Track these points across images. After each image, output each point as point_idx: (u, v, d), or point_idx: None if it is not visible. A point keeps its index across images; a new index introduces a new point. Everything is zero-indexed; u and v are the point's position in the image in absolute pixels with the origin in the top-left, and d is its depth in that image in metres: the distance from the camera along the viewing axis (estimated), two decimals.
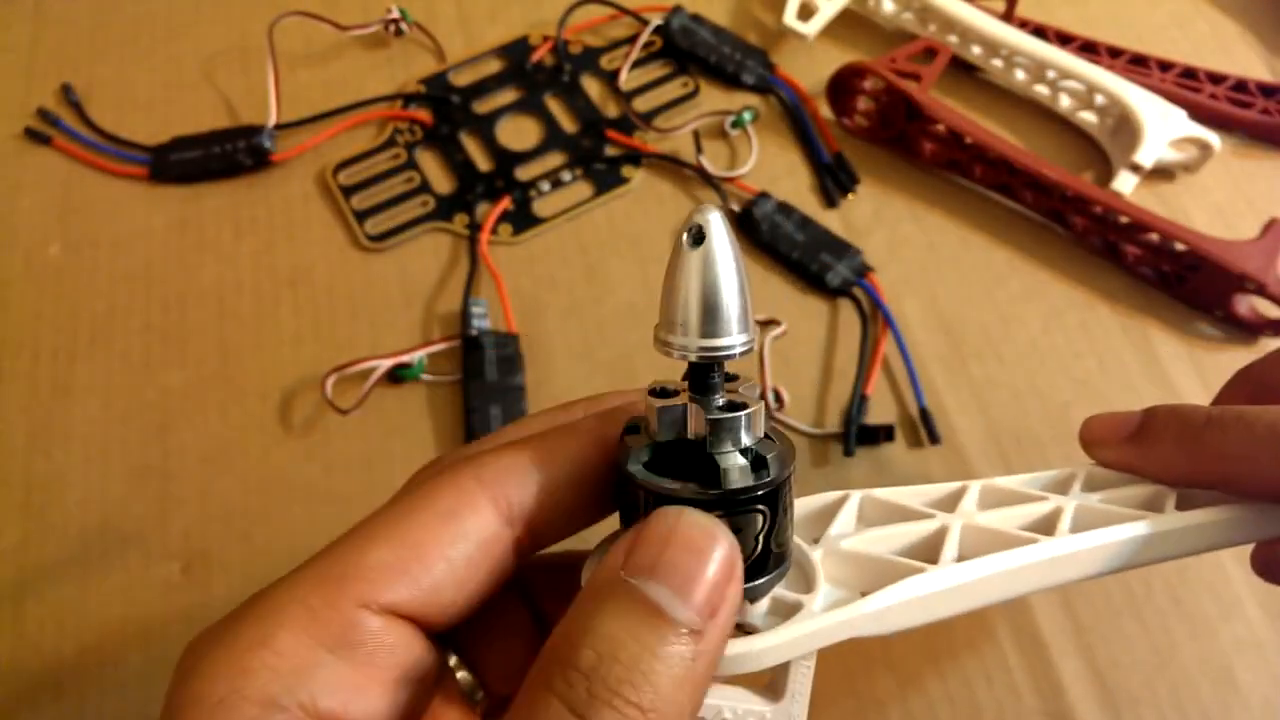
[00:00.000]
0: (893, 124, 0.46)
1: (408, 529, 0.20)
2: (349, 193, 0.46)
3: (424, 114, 0.48)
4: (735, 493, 0.19)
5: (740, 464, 0.19)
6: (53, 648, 0.37)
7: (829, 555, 0.22)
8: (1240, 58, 0.50)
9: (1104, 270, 0.44)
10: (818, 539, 0.23)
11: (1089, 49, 0.48)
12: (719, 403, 0.20)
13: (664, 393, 0.20)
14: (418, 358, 0.41)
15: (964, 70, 0.49)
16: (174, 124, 0.48)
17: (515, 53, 0.50)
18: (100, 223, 0.46)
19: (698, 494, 0.19)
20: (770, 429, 0.21)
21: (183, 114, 0.49)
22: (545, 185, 0.46)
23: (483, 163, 0.47)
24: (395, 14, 0.49)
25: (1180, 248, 0.41)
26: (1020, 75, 0.48)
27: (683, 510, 0.19)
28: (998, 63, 0.48)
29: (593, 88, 0.49)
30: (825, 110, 0.48)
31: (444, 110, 0.48)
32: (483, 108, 0.49)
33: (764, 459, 0.19)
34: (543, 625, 0.25)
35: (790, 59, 0.50)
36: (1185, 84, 0.48)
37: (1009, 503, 0.25)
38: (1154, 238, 0.42)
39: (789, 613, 0.20)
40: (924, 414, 0.40)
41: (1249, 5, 0.51)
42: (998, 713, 0.35)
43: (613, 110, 0.48)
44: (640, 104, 0.49)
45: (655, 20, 0.50)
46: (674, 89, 0.49)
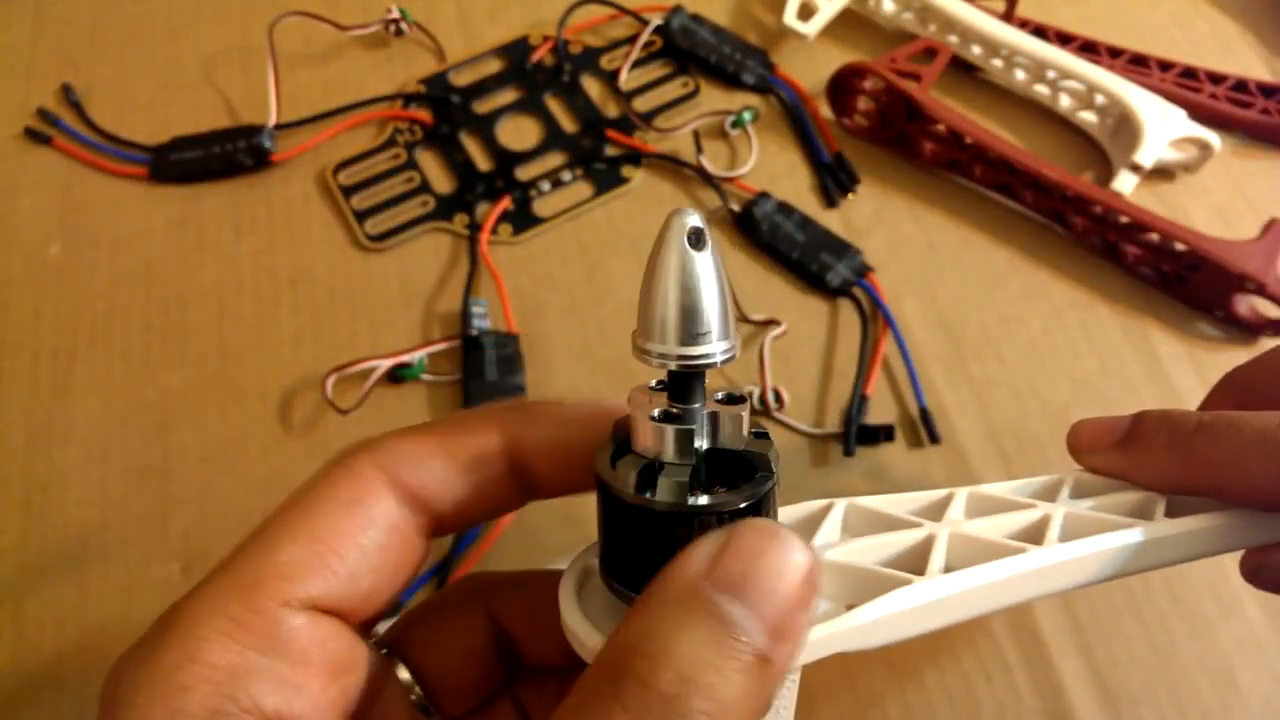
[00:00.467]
0: (893, 124, 0.46)
1: (315, 522, 0.19)
2: (349, 193, 0.46)
3: (424, 114, 0.48)
4: (705, 507, 0.18)
5: (680, 482, 0.18)
6: (53, 647, 0.37)
7: None
8: (1240, 58, 0.50)
9: (1104, 270, 0.44)
10: None
11: (1089, 49, 0.48)
12: (696, 413, 0.19)
13: (646, 396, 0.20)
14: (418, 358, 0.41)
15: (964, 70, 0.49)
16: (174, 124, 0.48)
17: (515, 53, 0.50)
18: (100, 223, 0.46)
19: (667, 506, 0.18)
20: (756, 441, 0.20)
21: (183, 114, 0.49)
22: (545, 185, 0.46)
23: (483, 163, 0.47)
24: (395, 14, 0.49)
25: (1180, 248, 0.41)
26: (1020, 75, 0.48)
27: (775, 529, 0.18)
28: (998, 63, 0.48)
29: (593, 88, 0.49)
30: (825, 110, 0.48)
31: (444, 110, 0.48)
32: (483, 108, 0.49)
33: (737, 473, 0.19)
34: (503, 642, 0.24)
35: (790, 59, 0.50)
36: (1185, 84, 0.48)
37: (996, 510, 0.24)
38: (1154, 238, 0.42)
39: None
40: (924, 414, 0.40)
41: (1249, 5, 0.51)
42: (998, 712, 0.35)
43: (613, 110, 0.48)
44: (640, 104, 0.49)
45: (655, 20, 0.50)
46: (674, 89, 0.49)
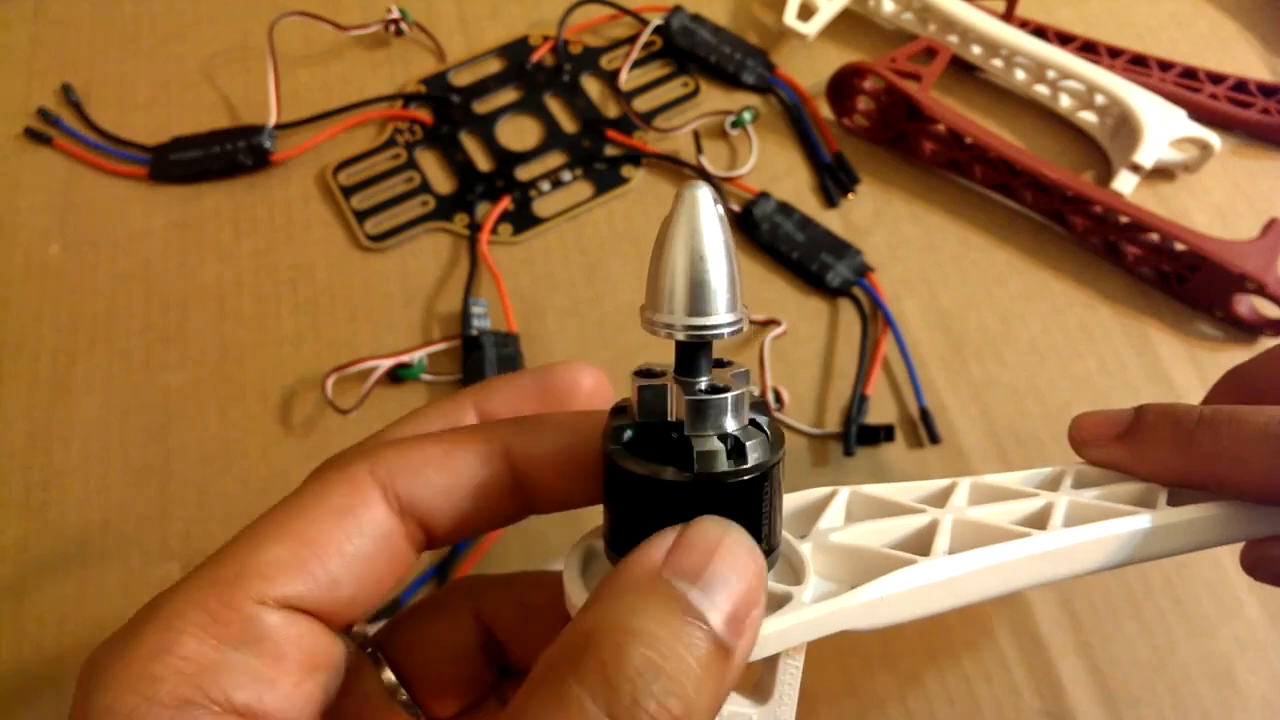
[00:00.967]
0: (893, 124, 0.46)
1: (302, 525, 0.19)
2: (349, 193, 0.46)
3: (424, 114, 0.48)
4: (711, 477, 0.18)
5: (717, 449, 0.18)
6: (53, 646, 0.37)
7: (818, 549, 0.22)
8: (1240, 58, 0.50)
9: (1104, 270, 0.44)
10: (805, 535, 0.23)
11: (1089, 49, 0.48)
12: (702, 385, 0.19)
13: (650, 373, 0.20)
14: (418, 358, 0.41)
15: (964, 70, 0.49)
16: (174, 124, 0.48)
17: (515, 53, 0.50)
18: (100, 223, 0.46)
19: (673, 477, 0.18)
20: (760, 418, 0.20)
21: (183, 114, 0.49)
22: (545, 185, 0.46)
23: (483, 163, 0.47)
24: (395, 14, 0.49)
25: (1180, 248, 0.41)
26: (1020, 75, 0.48)
27: (730, 524, 0.18)
28: (998, 63, 0.48)
29: (593, 88, 0.49)
30: (825, 110, 0.48)
31: (444, 110, 0.48)
32: (483, 108, 0.49)
33: (743, 445, 0.19)
34: (491, 645, 0.24)
35: (790, 59, 0.50)
36: (1185, 84, 0.48)
37: (999, 499, 0.24)
38: (1154, 238, 0.42)
39: (778, 604, 0.20)
40: (924, 414, 0.40)
41: (1249, 5, 0.51)
42: (998, 712, 0.35)
43: (613, 110, 0.48)
44: (640, 104, 0.49)
45: (655, 20, 0.50)
46: (674, 89, 0.49)
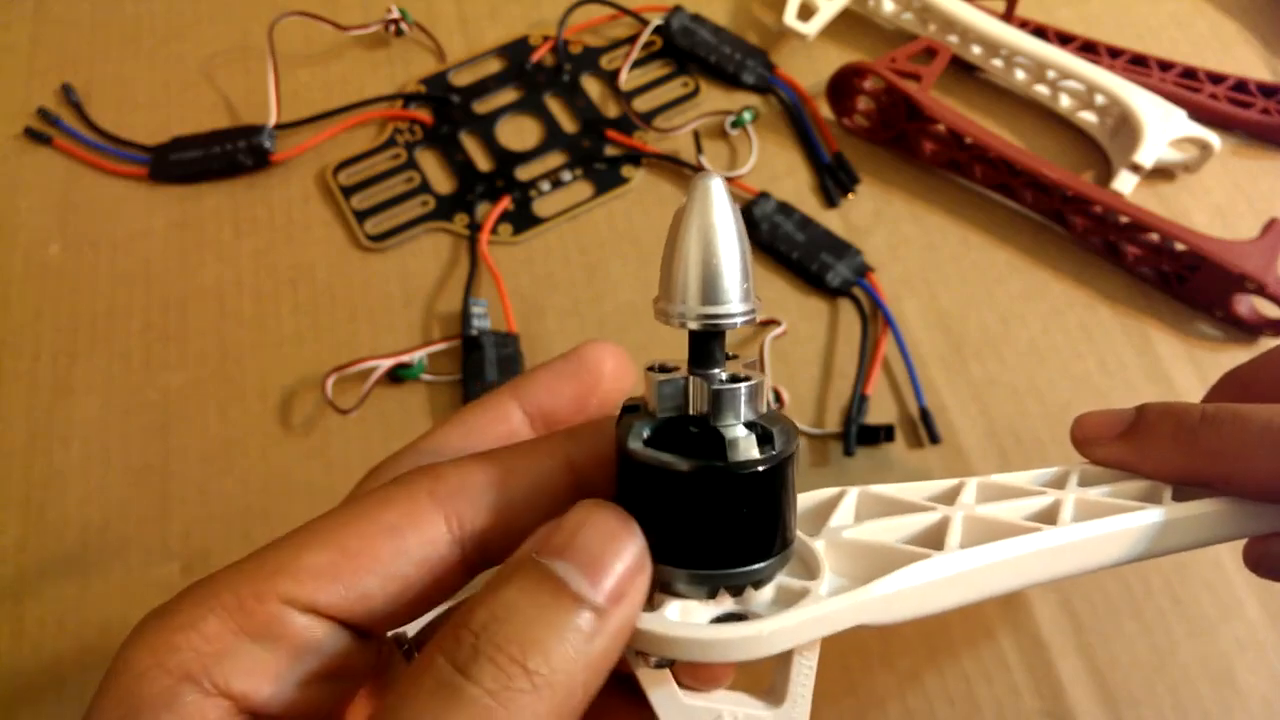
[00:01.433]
0: (893, 124, 0.46)
1: (348, 536, 0.20)
2: (349, 193, 0.46)
3: (424, 114, 0.48)
4: (742, 465, 0.18)
5: (745, 436, 0.19)
6: (53, 646, 0.37)
7: (831, 546, 0.22)
8: (1240, 58, 0.50)
9: (1104, 270, 0.44)
10: (816, 533, 0.23)
11: (1089, 49, 0.48)
12: (723, 375, 0.19)
13: (664, 368, 0.20)
14: (418, 358, 0.41)
15: (964, 70, 0.49)
16: (174, 124, 0.48)
17: (515, 53, 0.50)
18: (100, 223, 0.46)
19: (704, 466, 0.18)
20: (770, 407, 0.20)
21: (183, 114, 0.49)
22: (545, 185, 0.46)
23: (483, 163, 0.47)
24: (395, 14, 0.49)
25: (1180, 248, 0.41)
26: (1020, 75, 0.48)
27: (601, 503, 0.19)
28: (998, 63, 0.48)
29: (593, 88, 0.49)
30: (825, 110, 0.48)
31: (444, 110, 0.48)
32: (483, 108, 0.49)
33: (770, 433, 0.19)
34: None
35: (790, 59, 0.50)
36: (1185, 84, 0.48)
37: (1007, 497, 0.25)
38: (1154, 238, 0.42)
39: (794, 599, 0.20)
40: (924, 414, 0.40)
41: (1249, 5, 0.51)
42: (998, 713, 0.35)
43: (613, 110, 0.48)
44: (640, 104, 0.49)
45: (655, 20, 0.50)
46: (674, 89, 0.49)
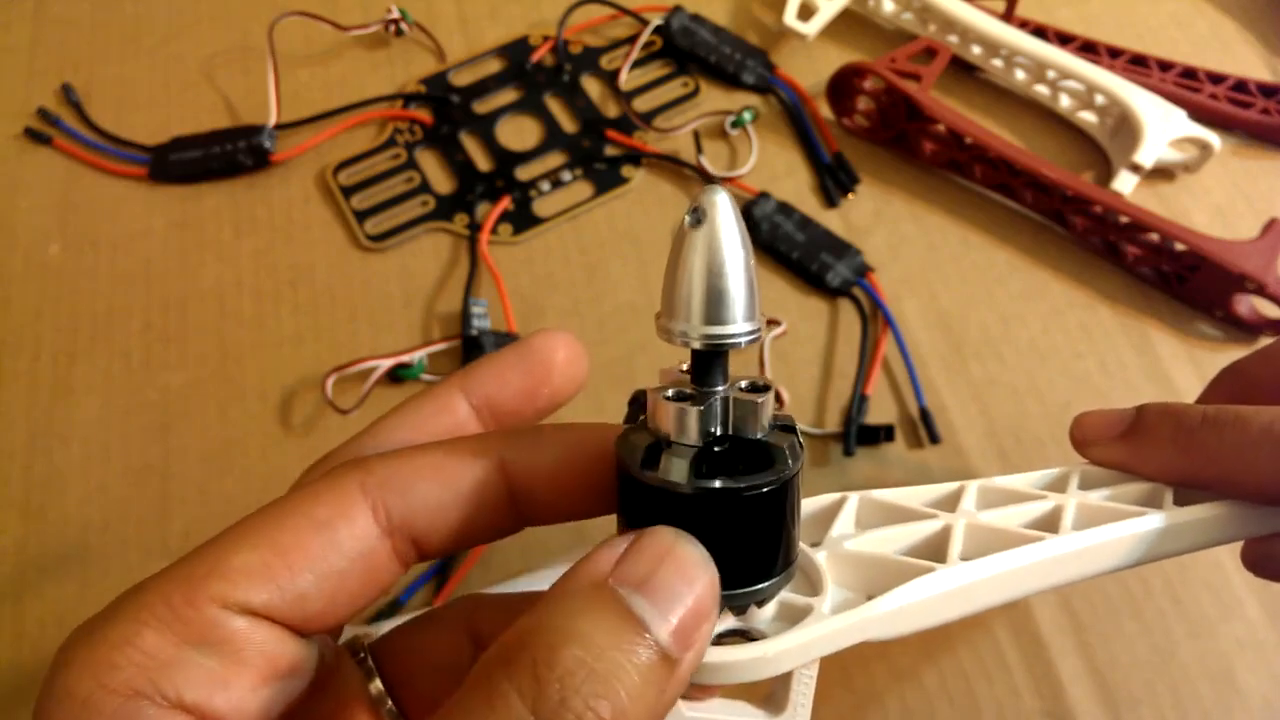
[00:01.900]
0: (893, 124, 0.46)
1: (278, 533, 0.19)
2: (349, 193, 0.46)
3: (424, 114, 0.48)
4: (754, 484, 0.18)
5: (782, 443, 0.18)
6: (53, 647, 0.36)
7: (833, 558, 0.22)
8: (1240, 58, 0.50)
9: (1104, 270, 0.44)
10: (817, 542, 0.22)
11: (1089, 49, 0.48)
12: (743, 385, 0.19)
13: (681, 395, 0.19)
14: (418, 358, 0.41)
15: (964, 70, 0.49)
16: (174, 124, 0.48)
17: (515, 53, 0.50)
18: (100, 223, 0.46)
19: (708, 489, 0.18)
20: (779, 431, 0.19)
21: (183, 114, 0.49)
22: (545, 185, 0.46)
23: (483, 163, 0.47)
24: (395, 14, 0.49)
25: (1180, 248, 0.41)
26: (1020, 75, 0.48)
27: (680, 533, 0.18)
28: (998, 63, 0.48)
29: (593, 88, 0.49)
30: (825, 110, 0.48)
31: (444, 110, 0.48)
32: (483, 108, 0.49)
33: (781, 449, 0.19)
34: None
35: (790, 59, 0.50)
36: (1185, 84, 0.48)
37: (1009, 502, 0.24)
38: (1154, 238, 0.42)
39: (797, 616, 0.20)
40: (924, 414, 0.40)
41: (1249, 5, 0.51)
42: (998, 712, 0.35)
43: (613, 110, 0.48)
44: (640, 104, 0.49)
45: (655, 20, 0.50)
46: (674, 89, 0.49)
